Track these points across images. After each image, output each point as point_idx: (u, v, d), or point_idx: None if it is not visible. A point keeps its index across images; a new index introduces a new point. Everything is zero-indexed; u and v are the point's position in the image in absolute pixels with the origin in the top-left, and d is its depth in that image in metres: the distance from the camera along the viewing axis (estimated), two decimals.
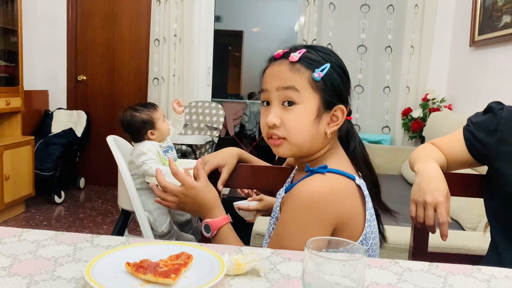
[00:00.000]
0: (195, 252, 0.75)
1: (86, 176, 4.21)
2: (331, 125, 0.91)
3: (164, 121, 2.21)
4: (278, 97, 0.89)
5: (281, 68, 0.89)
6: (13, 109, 3.32)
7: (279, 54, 0.92)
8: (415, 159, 1.10)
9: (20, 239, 0.82)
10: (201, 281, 0.66)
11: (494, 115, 1.03)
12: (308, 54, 0.89)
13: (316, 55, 0.90)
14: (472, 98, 3.12)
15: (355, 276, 0.56)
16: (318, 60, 0.89)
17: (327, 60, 0.90)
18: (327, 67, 0.88)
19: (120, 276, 0.67)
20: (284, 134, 0.88)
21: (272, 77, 0.90)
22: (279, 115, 0.88)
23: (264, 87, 0.92)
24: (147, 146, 2.13)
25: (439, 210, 0.95)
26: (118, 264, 0.69)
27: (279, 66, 0.90)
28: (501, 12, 2.67)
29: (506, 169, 0.99)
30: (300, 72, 0.88)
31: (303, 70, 0.88)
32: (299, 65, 0.88)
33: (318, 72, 0.87)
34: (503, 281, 0.74)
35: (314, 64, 0.88)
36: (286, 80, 0.88)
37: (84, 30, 4.14)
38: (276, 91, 0.89)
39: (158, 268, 0.68)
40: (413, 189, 1.01)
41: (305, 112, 0.88)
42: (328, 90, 0.88)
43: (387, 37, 3.72)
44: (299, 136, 0.89)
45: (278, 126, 0.88)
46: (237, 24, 7.44)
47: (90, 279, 0.63)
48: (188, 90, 3.91)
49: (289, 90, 0.87)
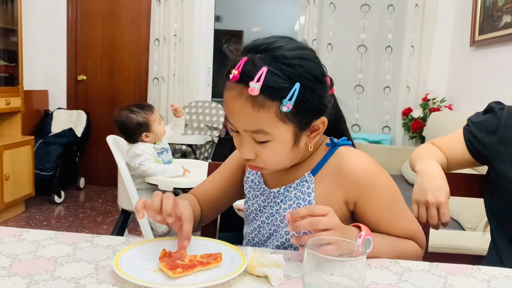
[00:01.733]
0: (230, 255, 0.75)
1: (86, 176, 4.20)
2: (312, 136, 0.83)
3: (160, 124, 2.20)
4: (248, 136, 0.79)
5: (241, 105, 0.75)
6: (13, 109, 3.32)
7: (235, 78, 0.74)
8: (416, 158, 1.09)
9: (20, 239, 0.82)
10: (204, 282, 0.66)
11: (494, 115, 1.03)
12: (270, 77, 0.72)
13: (280, 77, 0.73)
14: (472, 98, 3.12)
15: (355, 276, 0.56)
16: (284, 87, 0.73)
17: (294, 78, 0.74)
18: (296, 90, 0.73)
19: (151, 259, 0.74)
20: (262, 165, 0.83)
21: (234, 114, 0.78)
22: (253, 149, 0.80)
23: (228, 118, 0.81)
24: (141, 148, 2.14)
25: (442, 210, 0.95)
26: (157, 251, 0.75)
27: (238, 102, 0.75)
28: (501, 12, 2.67)
29: (506, 170, 0.99)
30: (265, 107, 0.74)
31: (268, 103, 0.74)
32: (262, 98, 0.73)
33: (287, 103, 0.73)
34: (503, 281, 0.74)
35: (279, 92, 0.73)
36: (252, 122, 0.76)
37: (84, 30, 4.14)
38: (244, 132, 0.79)
39: (179, 261, 0.71)
40: (415, 189, 1.01)
41: (280, 145, 0.79)
42: (301, 114, 0.77)
43: (387, 37, 3.72)
44: (278, 165, 0.84)
45: (254, 158, 0.81)
46: (237, 24, 7.44)
47: (117, 258, 0.71)
48: (188, 90, 3.91)
49: (258, 133, 0.77)
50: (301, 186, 0.88)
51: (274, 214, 0.91)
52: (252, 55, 0.76)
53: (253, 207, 0.96)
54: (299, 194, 0.87)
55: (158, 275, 0.69)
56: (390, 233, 0.86)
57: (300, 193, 0.87)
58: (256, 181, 0.96)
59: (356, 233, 0.79)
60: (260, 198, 0.94)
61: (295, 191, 0.88)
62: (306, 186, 0.87)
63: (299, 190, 0.88)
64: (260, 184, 0.95)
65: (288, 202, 0.89)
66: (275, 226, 0.91)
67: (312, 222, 0.72)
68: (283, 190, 0.90)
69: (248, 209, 0.98)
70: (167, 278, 0.68)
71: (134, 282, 0.64)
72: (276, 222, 0.91)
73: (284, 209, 0.89)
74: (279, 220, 0.90)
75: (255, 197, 0.96)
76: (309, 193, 0.87)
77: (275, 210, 0.91)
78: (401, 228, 0.87)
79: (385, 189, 0.85)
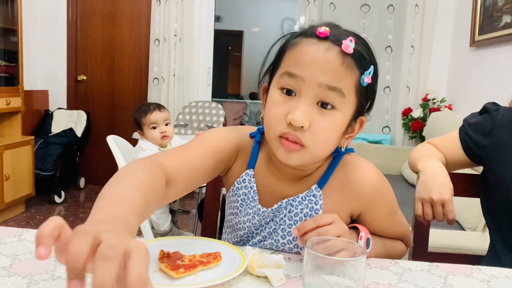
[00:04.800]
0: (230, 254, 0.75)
1: (86, 176, 4.20)
2: (346, 136, 0.77)
3: (154, 129, 2.16)
4: (316, 94, 0.69)
5: (330, 58, 0.69)
6: (13, 109, 3.32)
7: (324, 34, 0.70)
8: (416, 158, 1.09)
9: (20, 239, 0.82)
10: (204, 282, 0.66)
11: (490, 116, 1.03)
12: (358, 46, 0.71)
13: (365, 50, 0.72)
14: (472, 98, 3.12)
15: (355, 276, 0.56)
16: (367, 59, 0.72)
17: (372, 59, 0.73)
18: (372, 70, 0.72)
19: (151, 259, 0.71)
20: (307, 142, 0.70)
21: (315, 64, 0.69)
22: (310, 116, 0.69)
23: (296, 72, 0.70)
24: (146, 144, 2.16)
25: (447, 208, 0.95)
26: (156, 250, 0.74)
27: (327, 53, 0.69)
28: (501, 12, 2.67)
29: (502, 171, 0.98)
30: (352, 71, 0.70)
31: (355, 69, 0.70)
32: (351, 61, 0.70)
33: (368, 76, 0.71)
34: (503, 281, 0.74)
35: (364, 63, 0.71)
36: (335, 77, 0.69)
37: (84, 30, 4.14)
38: (316, 86, 0.69)
39: (179, 261, 0.71)
40: (418, 187, 1.00)
41: (340, 121, 0.72)
42: (366, 98, 0.75)
43: (387, 37, 3.72)
44: (323, 147, 0.74)
45: (305, 129, 0.70)
46: (237, 24, 7.44)
47: None
48: (188, 90, 3.91)
49: (334, 92, 0.69)
50: (307, 201, 0.81)
51: (278, 232, 0.84)
52: (334, 26, 0.74)
53: (244, 224, 0.86)
54: (307, 211, 0.81)
55: (158, 275, 0.69)
56: (383, 236, 0.88)
57: (308, 209, 0.81)
58: (249, 196, 0.85)
59: (355, 235, 0.80)
60: (254, 217, 0.84)
61: (301, 206, 0.81)
62: (314, 201, 0.81)
63: (306, 206, 0.81)
64: (253, 202, 0.84)
65: (294, 218, 0.82)
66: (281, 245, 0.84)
67: (320, 232, 0.70)
68: (285, 205, 0.82)
69: (238, 223, 0.87)
70: (167, 278, 0.68)
71: None
72: (280, 240, 0.84)
73: (289, 225, 0.82)
74: (280, 236, 0.84)
75: (247, 214, 0.85)
76: (317, 210, 0.80)
77: (279, 227, 0.84)
78: (395, 232, 0.90)
79: (389, 201, 0.86)
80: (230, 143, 0.85)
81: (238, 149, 0.87)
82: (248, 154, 0.86)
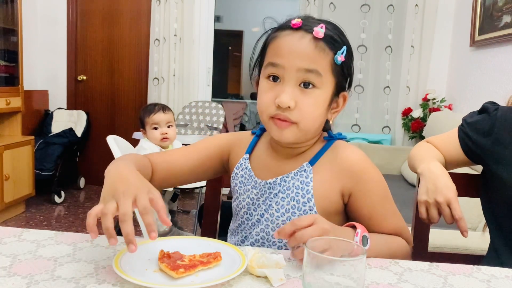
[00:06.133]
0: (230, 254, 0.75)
1: (86, 176, 4.20)
2: (332, 111, 0.87)
3: (155, 130, 2.18)
4: (296, 77, 0.80)
5: (304, 45, 0.79)
6: (13, 109, 3.32)
7: (297, 24, 0.80)
8: (416, 159, 1.09)
9: (20, 239, 0.82)
10: (204, 282, 0.66)
11: (489, 116, 1.03)
12: (328, 31, 0.81)
13: (335, 33, 0.82)
14: (472, 98, 3.12)
15: (355, 276, 0.56)
16: (339, 41, 0.82)
17: (344, 41, 0.83)
18: (345, 50, 0.81)
19: (151, 259, 0.74)
20: (296, 119, 0.80)
21: (292, 53, 0.79)
22: (294, 97, 0.80)
23: (277, 61, 0.81)
24: (148, 144, 2.17)
25: (453, 206, 0.94)
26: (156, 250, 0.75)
27: (300, 41, 0.80)
28: (501, 12, 2.67)
29: (501, 171, 0.98)
30: (324, 52, 0.80)
31: (327, 50, 0.80)
32: (323, 44, 0.80)
33: (340, 55, 0.80)
34: (503, 281, 0.74)
35: (336, 45, 0.81)
36: (310, 61, 0.79)
37: (84, 30, 4.14)
38: (295, 71, 0.79)
39: (179, 261, 0.71)
40: (420, 191, 1.00)
41: (322, 98, 0.82)
42: (342, 75, 0.84)
43: (387, 37, 3.73)
44: (311, 122, 0.83)
45: (292, 109, 0.80)
46: (237, 24, 7.44)
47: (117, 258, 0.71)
48: (188, 90, 3.91)
49: (312, 73, 0.79)
50: (299, 176, 0.88)
51: (273, 206, 0.89)
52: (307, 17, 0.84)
53: (244, 202, 0.93)
54: (298, 184, 0.87)
55: (158, 275, 0.69)
56: (380, 230, 0.87)
57: (299, 183, 0.87)
58: (246, 175, 0.93)
59: (351, 232, 0.80)
60: (252, 192, 0.92)
61: (293, 180, 0.88)
62: (304, 175, 0.87)
63: (298, 180, 0.87)
64: (251, 177, 0.93)
65: (286, 191, 0.88)
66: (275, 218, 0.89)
67: (296, 237, 0.73)
68: (280, 181, 0.89)
69: (239, 204, 0.95)
70: (167, 278, 0.68)
71: (134, 282, 0.64)
72: (275, 214, 0.89)
73: (282, 198, 0.88)
74: (275, 209, 0.89)
75: (246, 191, 0.93)
76: (307, 183, 0.87)
77: (274, 202, 0.89)
78: (391, 224, 0.89)
79: (379, 184, 0.89)
80: (220, 142, 0.99)
81: (230, 146, 0.99)
82: (245, 146, 0.97)
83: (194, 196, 3.98)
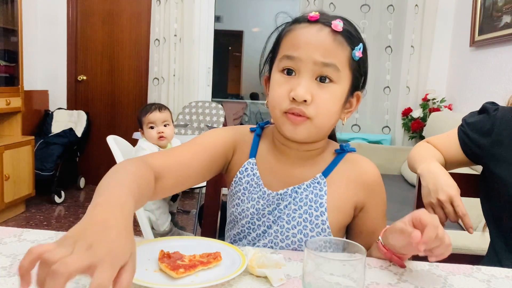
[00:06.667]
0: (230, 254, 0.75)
1: (86, 176, 4.20)
2: (346, 111, 0.84)
3: (151, 129, 2.18)
4: (313, 71, 0.76)
5: (322, 37, 0.76)
6: (13, 109, 3.32)
7: (315, 17, 0.78)
8: (416, 160, 1.09)
9: (20, 239, 0.82)
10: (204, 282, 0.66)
11: (489, 116, 1.03)
12: (346, 26, 0.78)
13: (353, 29, 0.79)
14: (472, 98, 3.12)
15: (355, 276, 0.56)
16: (356, 37, 0.79)
17: (360, 38, 0.80)
18: (361, 46, 0.79)
19: (151, 259, 0.73)
20: (311, 114, 0.76)
21: (309, 45, 0.76)
22: (311, 90, 0.76)
23: (293, 54, 0.77)
24: (146, 143, 2.17)
25: (455, 203, 0.94)
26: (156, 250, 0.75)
27: (318, 34, 0.76)
28: (501, 12, 2.67)
29: (501, 171, 0.98)
30: (343, 47, 0.77)
31: (345, 45, 0.77)
32: (341, 38, 0.77)
33: (358, 51, 0.78)
34: (503, 281, 0.74)
35: (353, 40, 0.78)
36: (328, 54, 0.75)
37: (84, 30, 4.14)
38: (313, 64, 0.76)
39: (179, 261, 0.71)
40: (423, 193, 1.00)
41: (339, 93, 0.78)
42: (359, 72, 0.81)
43: (387, 37, 3.72)
44: (327, 118, 0.79)
45: (308, 103, 0.76)
46: (237, 24, 7.44)
47: None
48: (188, 90, 3.91)
49: (329, 67, 0.76)
50: (312, 188, 0.84)
51: (283, 218, 0.85)
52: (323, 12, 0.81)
53: (248, 211, 0.87)
54: (312, 196, 0.84)
55: (158, 275, 0.69)
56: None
57: (313, 195, 0.84)
58: (253, 183, 0.87)
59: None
60: (258, 202, 0.87)
61: (306, 192, 0.84)
62: (318, 188, 0.84)
63: (311, 192, 0.84)
64: (258, 186, 0.87)
65: (298, 203, 0.84)
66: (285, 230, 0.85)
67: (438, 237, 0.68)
68: (291, 192, 0.85)
69: (242, 212, 0.88)
70: (167, 278, 0.68)
71: (134, 282, 0.64)
72: (285, 225, 0.85)
73: (294, 210, 0.84)
74: (286, 221, 0.85)
75: (252, 200, 0.87)
76: (322, 196, 0.84)
77: (284, 213, 0.85)
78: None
79: (384, 198, 0.91)
80: (224, 138, 0.90)
81: (235, 143, 0.91)
82: (248, 146, 0.91)
83: (194, 196, 3.98)
